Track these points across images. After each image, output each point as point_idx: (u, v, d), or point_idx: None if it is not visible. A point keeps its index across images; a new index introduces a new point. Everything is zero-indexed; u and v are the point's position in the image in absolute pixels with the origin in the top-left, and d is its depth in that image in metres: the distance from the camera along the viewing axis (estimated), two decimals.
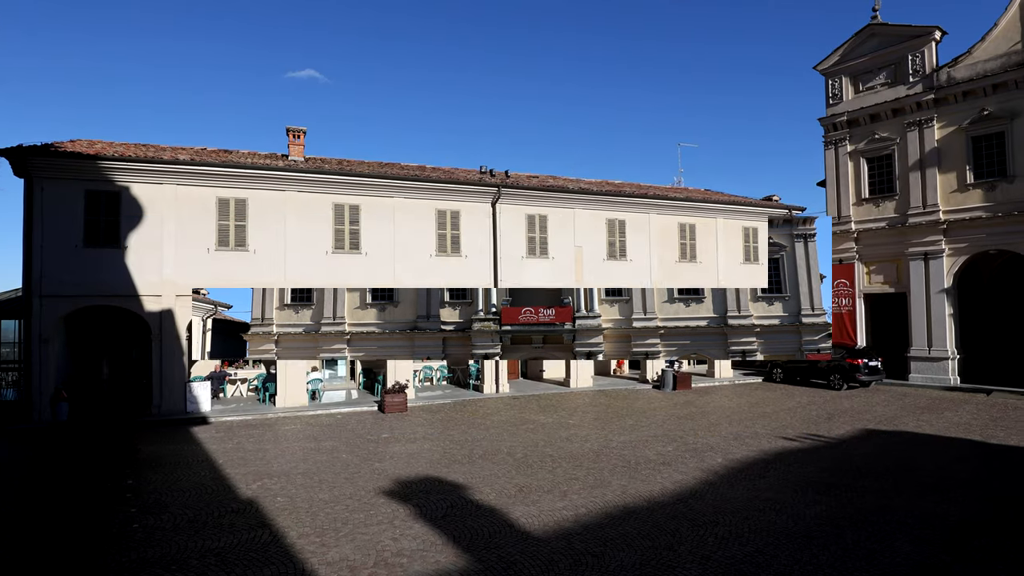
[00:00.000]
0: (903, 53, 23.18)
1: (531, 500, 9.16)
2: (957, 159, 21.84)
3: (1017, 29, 20.71)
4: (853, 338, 24.07)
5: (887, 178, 23.79)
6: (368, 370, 22.02)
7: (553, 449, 12.68)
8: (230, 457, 12.21)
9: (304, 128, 20.42)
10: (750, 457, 11.75)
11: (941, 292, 21.90)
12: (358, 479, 10.46)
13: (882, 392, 20.74)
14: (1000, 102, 20.84)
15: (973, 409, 17.03)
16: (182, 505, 9.06)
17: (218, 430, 15.23)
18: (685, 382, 21.93)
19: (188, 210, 17.36)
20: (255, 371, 20.73)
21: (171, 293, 17.04)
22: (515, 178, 22.89)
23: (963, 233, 21.53)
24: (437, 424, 15.78)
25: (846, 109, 24.71)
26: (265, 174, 18.02)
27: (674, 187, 30.48)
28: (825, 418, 15.98)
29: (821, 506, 8.72)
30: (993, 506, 8.67)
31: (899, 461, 11.37)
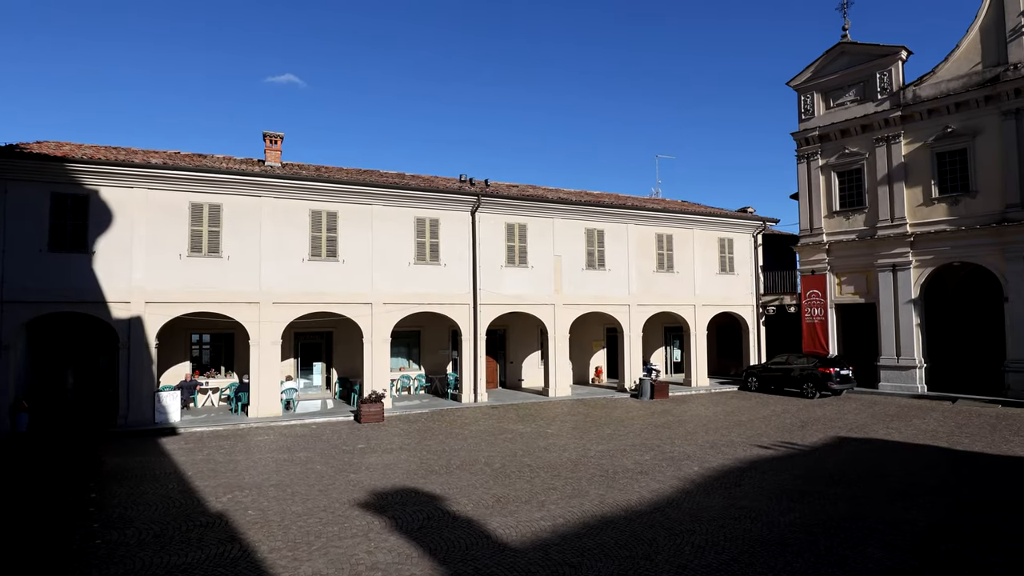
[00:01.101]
0: (871, 71, 23.85)
1: (509, 511, 9.09)
2: (923, 174, 22.49)
3: (978, 51, 21.47)
4: (825, 347, 24.51)
5: (857, 192, 24.38)
6: (344, 379, 21.73)
7: (531, 459, 12.63)
8: (199, 469, 11.91)
9: (281, 133, 20.22)
10: (726, 465, 11.84)
11: (909, 303, 22.44)
12: (332, 491, 10.27)
13: (853, 400, 21.12)
14: (962, 120, 21.54)
15: (940, 416, 17.43)
16: (148, 519, 8.79)
17: (187, 441, 14.87)
18: (662, 391, 22.07)
19: (160, 215, 17.01)
20: (227, 380, 20.30)
21: (140, 300, 16.65)
22: (495, 187, 22.92)
23: (929, 246, 22.14)
24: (414, 434, 15.62)
25: (817, 124, 25.29)
26: (240, 179, 17.76)
27: (652, 198, 30.85)
28: (799, 426, 16.21)
29: (795, 513, 8.81)
30: (959, 512, 8.85)
31: (870, 468, 11.57)
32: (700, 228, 25.70)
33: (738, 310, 26.44)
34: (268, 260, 18.11)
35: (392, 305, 19.69)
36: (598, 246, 23.38)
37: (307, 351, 22.03)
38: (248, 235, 17.96)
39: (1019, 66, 20.24)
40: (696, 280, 25.39)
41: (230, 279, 17.67)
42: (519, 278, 21.82)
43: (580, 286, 22.91)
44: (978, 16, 21.50)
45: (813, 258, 25.32)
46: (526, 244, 22.00)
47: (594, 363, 26.84)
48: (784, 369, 23.02)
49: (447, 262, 20.59)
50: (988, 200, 20.93)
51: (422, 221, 20.34)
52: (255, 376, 17.91)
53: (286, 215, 18.49)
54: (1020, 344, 19.91)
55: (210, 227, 17.55)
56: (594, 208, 23.19)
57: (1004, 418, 16.97)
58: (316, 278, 18.71)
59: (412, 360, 23.52)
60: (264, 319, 17.97)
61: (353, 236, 19.31)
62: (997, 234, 20.48)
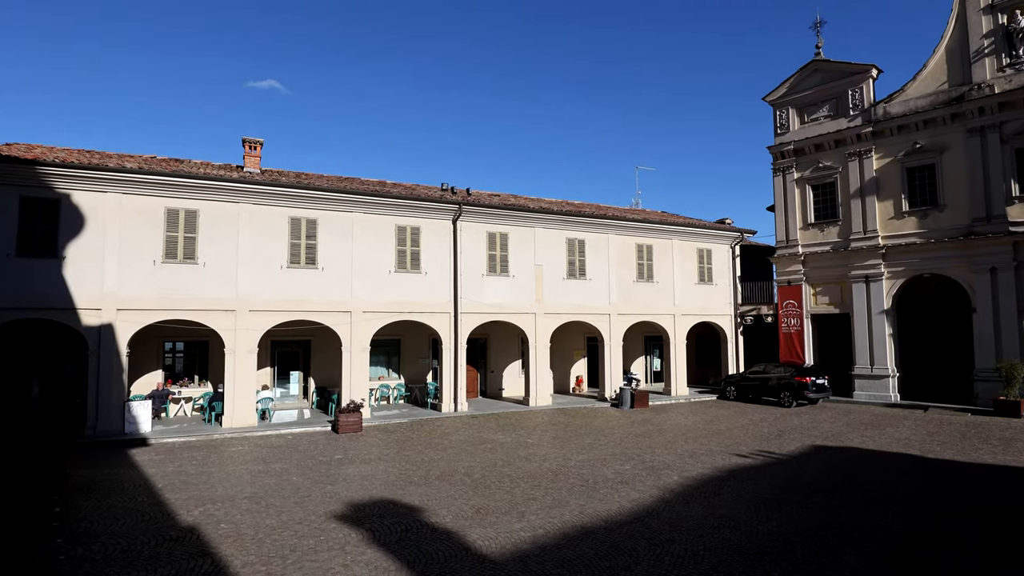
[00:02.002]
0: (844, 88, 24.44)
1: (488, 522, 9.01)
2: (893, 188, 23.05)
3: (944, 71, 22.15)
4: (801, 357, 24.87)
5: (831, 205, 24.88)
6: (322, 388, 21.43)
7: (511, 469, 12.56)
8: (170, 481, 11.62)
9: (261, 139, 20.00)
10: (705, 475, 11.90)
11: (881, 313, 22.90)
12: (308, 503, 10.09)
13: (829, 409, 21.42)
14: (930, 136, 22.16)
15: (912, 425, 17.76)
16: (115, 534, 8.53)
17: (158, 452, 14.50)
18: (643, 400, 22.16)
19: (134, 220, 16.68)
20: (201, 389, 19.89)
21: (112, 307, 16.25)
22: (476, 196, 22.92)
23: (900, 257, 22.66)
24: (393, 444, 15.44)
25: (793, 139, 25.80)
26: (218, 185, 17.50)
27: (632, 209, 31.12)
28: (776, 435, 16.38)
29: (773, 522, 8.87)
30: (932, 519, 9.00)
31: (846, 476, 11.72)
32: (679, 239, 25.98)
33: (717, 320, 26.72)
34: (245, 267, 17.84)
35: (372, 313, 19.51)
36: (579, 256, 23.49)
37: (284, 360, 21.70)
38: (225, 241, 17.69)
39: (983, 86, 20.91)
40: (676, 290, 25.62)
41: (206, 286, 17.37)
42: (500, 287, 21.80)
43: (561, 295, 22.96)
44: (944, 37, 22.19)
45: (789, 269, 25.74)
46: (507, 253, 22.02)
47: (575, 372, 26.88)
48: (762, 378, 23.29)
49: (428, 270, 20.49)
50: (956, 214, 21.51)
51: (403, 229, 20.24)
52: (230, 385, 17.57)
53: (265, 222, 18.26)
54: (988, 354, 20.41)
55: (186, 233, 17.25)
56: (575, 218, 23.31)
57: (973, 426, 17.36)
58: (295, 286, 18.48)
59: (392, 369, 23.32)
60: (240, 327, 17.67)
61: (333, 244, 19.14)
62: (964, 247, 21.04)
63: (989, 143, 20.79)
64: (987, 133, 20.85)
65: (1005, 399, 18.94)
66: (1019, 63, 20.41)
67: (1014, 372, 18.94)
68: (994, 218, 20.54)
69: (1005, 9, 20.79)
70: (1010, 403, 18.79)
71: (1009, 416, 18.65)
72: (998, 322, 20.30)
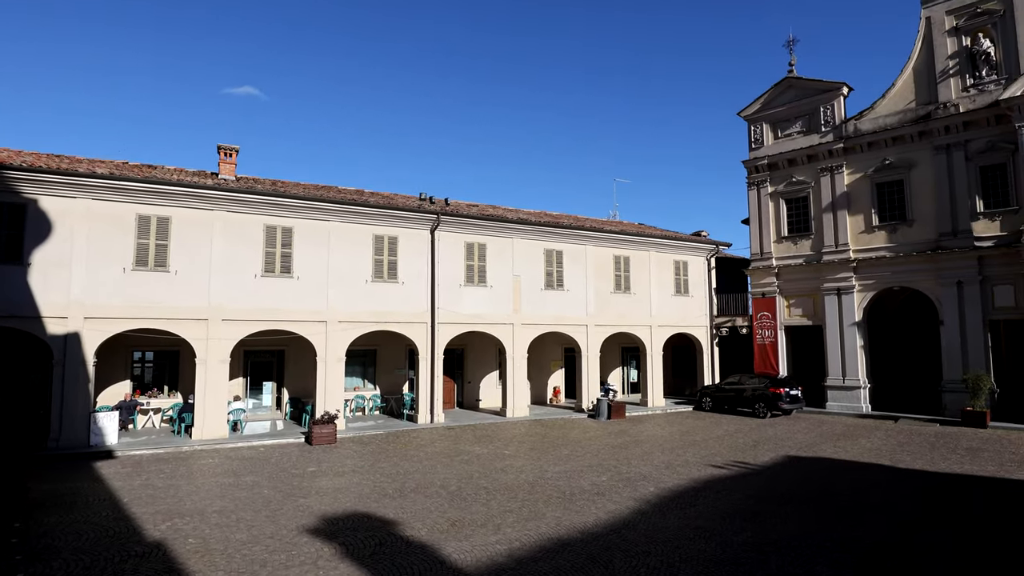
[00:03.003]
0: (816, 105, 25.04)
1: (464, 535, 8.91)
2: (864, 203, 23.60)
3: (911, 90, 22.83)
4: (776, 368, 25.19)
5: (804, 218, 25.37)
6: (296, 399, 21.08)
7: (488, 481, 12.46)
8: (137, 495, 11.29)
9: (236, 147, 19.74)
10: (681, 486, 11.94)
11: (853, 325, 23.35)
12: (280, 517, 9.88)
13: (803, 420, 21.70)
14: (899, 153, 22.78)
15: (883, 435, 18.06)
16: (77, 550, 8.24)
17: (125, 465, 14.10)
18: (619, 411, 22.21)
19: (104, 226, 16.29)
20: (171, 400, 19.42)
21: (79, 315, 15.82)
22: (455, 206, 22.89)
23: (871, 271, 23.16)
24: (368, 456, 15.22)
25: (767, 153, 26.30)
26: (192, 192, 17.21)
27: (610, 220, 31.38)
28: (751, 446, 16.52)
29: (747, 533, 8.92)
30: (901, 529, 9.13)
31: (819, 487, 11.85)
32: (656, 250, 26.23)
33: (693, 331, 26.97)
34: (218, 275, 17.52)
35: (348, 323, 19.30)
36: (557, 266, 23.56)
37: (257, 370, 21.32)
38: (198, 249, 17.37)
39: (948, 105, 21.58)
40: (652, 301, 25.82)
41: (177, 294, 17.01)
42: (478, 297, 21.74)
43: (539, 306, 22.98)
44: (911, 58, 22.89)
45: (763, 281, 26.12)
46: (485, 263, 21.99)
47: (552, 383, 26.87)
48: (737, 389, 23.53)
49: (405, 280, 20.36)
50: (923, 228, 22.09)
51: (380, 238, 20.11)
52: (201, 396, 17.19)
53: (239, 230, 17.99)
54: (955, 366, 20.91)
55: (158, 240, 16.91)
56: (553, 229, 23.41)
57: (942, 436, 17.72)
58: (269, 295, 18.20)
59: (367, 380, 23.05)
60: (212, 336, 17.33)
61: (309, 252, 18.92)
62: (932, 260, 21.59)
63: (955, 160, 21.43)
64: (953, 151, 21.49)
65: (972, 410, 19.38)
66: (982, 84, 21.11)
67: (980, 383, 19.41)
68: (960, 233, 21.12)
69: (969, 32, 21.53)
70: (977, 414, 19.23)
71: (976, 426, 19.08)
72: (965, 334, 20.82)
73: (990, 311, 20.53)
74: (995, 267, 20.35)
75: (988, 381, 19.65)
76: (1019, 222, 19.79)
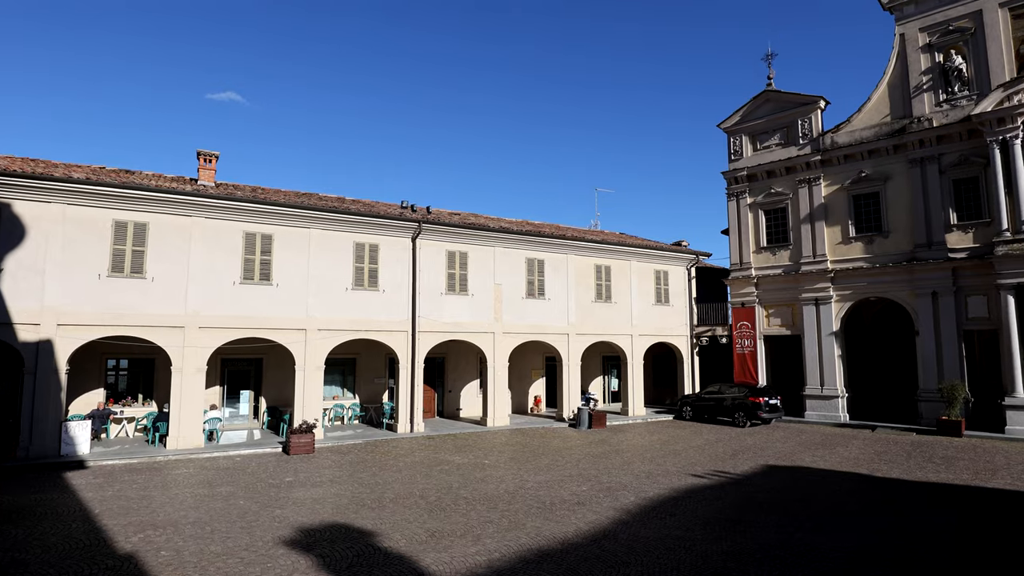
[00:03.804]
0: (794, 118, 25.48)
1: (443, 546, 8.82)
2: (841, 214, 24.01)
3: (887, 104, 23.35)
4: (755, 377, 25.41)
5: (782, 229, 25.73)
6: (273, 408, 20.78)
7: (468, 491, 12.36)
8: (108, 506, 11.01)
9: (216, 152, 19.53)
10: (662, 495, 11.95)
11: (831, 335, 23.66)
12: (256, 528, 9.69)
13: (781, 429, 21.89)
14: (875, 166, 23.23)
15: (861, 444, 18.28)
16: (45, 563, 8.01)
17: (97, 475, 13.76)
18: (600, 420, 22.22)
19: (79, 232, 15.99)
20: (145, 409, 19.03)
21: (52, 322, 15.47)
22: (436, 214, 22.85)
23: (848, 281, 23.52)
24: (346, 466, 15.04)
25: (746, 165, 26.67)
26: (170, 198, 16.97)
27: (591, 230, 31.52)
28: (730, 455, 16.61)
29: (727, 542, 8.94)
30: (879, 537, 9.22)
31: (798, 496, 11.94)
32: (637, 260, 26.40)
33: (673, 340, 27.14)
34: (196, 282, 17.27)
35: (328, 331, 19.11)
36: (538, 275, 23.59)
37: (235, 378, 21.00)
38: (176, 256, 17.12)
39: (922, 119, 22.08)
40: (633, 311, 25.95)
41: (154, 301, 16.72)
42: (459, 306, 21.68)
43: (520, 315, 22.97)
44: (886, 72, 23.41)
45: (743, 291, 26.40)
46: (467, 272, 21.95)
47: (533, 392, 26.82)
48: (717, 398, 23.68)
49: (386, 288, 20.24)
50: (899, 240, 22.51)
51: (361, 246, 19.98)
52: (176, 405, 16.88)
53: (218, 236, 17.76)
54: (930, 375, 21.27)
55: (134, 246, 16.63)
56: (535, 238, 23.46)
57: (918, 445, 17.98)
58: (247, 302, 17.97)
59: (347, 388, 22.82)
60: (189, 344, 17.05)
61: (289, 260, 18.73)
62: (907, 271, 21.99)
63: (929, 173, 21.90)
64: (927, 164, 21.96)
65: (947, 419, 19.70)
66: (955, 99, 21.65)
67: (955, 393, 19.75)
68: (934, 245, 21.56)
69: (942, 48, 22.08)
70: (952, 423, 19.55)
71: (951, 435, 19.40)
72: (940, 344, 21.20)
73: (964, 321, 20.94)
74: (969, 278, 20.79)
75: (963, 390, 20.00)
76: (991, 234, 20.26)
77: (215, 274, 17.58)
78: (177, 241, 17.18)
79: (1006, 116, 19.71)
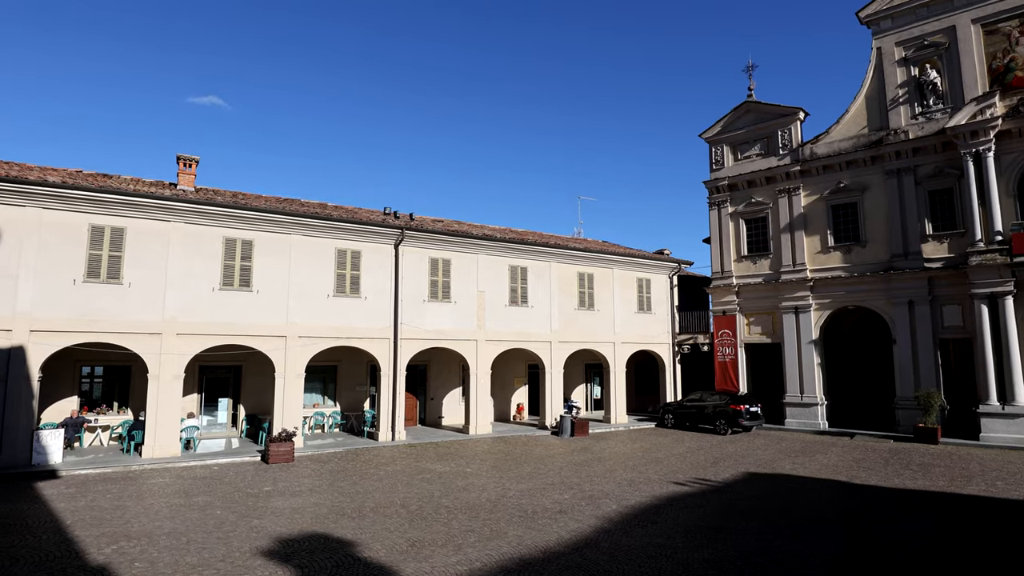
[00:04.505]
0: (774, 129, 25.86)
1: (423, 556, 8.73)
2: (820, 224, 24.37)
3: (864, 116, 23.80)
4: (736, 385, 25.61)
5: (763, 238, 26.04)
6: (252, 416, 20.47)
7: (449, 500, 12.27)
8: (81, 517, 10.75)
9: (197, 157, 19.29)
10: (643, 503, 11.96)
11: (810, 343, 23.95)
12: (233, 538, 9.52)
13: (762, 436, 22.06)
14: (853, 177, 23.64)
15: (840, 452, 18.48)
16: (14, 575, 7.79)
17: (69, 485, 13.44)
18: (583, 428, 22.22)
19: (54, 236, 15.67)
20: (120, 417, 18.65)
21: (24, 328, 15.12)
22: (420, 221, 22.78)
23: (827, 290, 23.85)
24: (326, 475, 14.85)
25: (727, 175, 26.98)
26: (148, 203, 16.71)
27: (574, 237, 31.63)
28: (712, 463, 16.69)
29: (708, 550, 8.96)
30: (857, 544, 9.30)
31: (778, 503, 12.02)
32: (620, 268, 26.52)
33: (655, 348, 27.27)
34: (175, 288, 17.00)
35: (309, 339, 18.91)
36: (521, 283, 23.60)
37: (213, 386, 20.67)
38: (154, 261, 16.85)
39: (898, 131, 22.53)
40: (616, 318, 26.05)
41: (130, 307, 16.43)
42: (442, 313, 21.59)
43: (503, 322, 22.93)
44: (864, 85, 23.88)
45: (724, 299, 26.63)
46: (450, 279, 21.89)
47: (515, 400, 26.76)
48: (698, 406, 23.80)
49: (368, 295, 20.10)
50: (876, 250, 22.89)
51: (343, 253, 19.84)
52: (152, 412, 16.56)
53: (197, 242, 17.52)
54: (907, 383, 21.59)
55: (111, 251, 16.34)
56: (518, 245, 23.48)
57: (895, 452, 18.22)
58: (227, 309, 17.73)
59: (327, 396, 22.58)
60: (166, 351, 16.76)
61: (269, 266, 18.53)
62: (884, 281, 22.36)
63: (905, 184, 22.33)
64: (903, 175, 22.40)
65: (924, 426, 20.00)
66: (930, 112, 22.13)
67: (931, 400, 20.06)
68: (911, 254, 21.95)
69: (917, 62, 22.59)
70: (928, 430, 19.85)
71: (928, 443, 19.69)
72: (916, 352, 21.55)
73: (940, 330, 21.32)
74: (944, 288, 21.19)
75: (939, 398, 20.33)
76: (965, 244, 20.68)
77: (194, 280, 17.33)
78: (155, 246, 16.92)
79: (979, 129, 20.18)
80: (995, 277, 19.60)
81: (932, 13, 22.27)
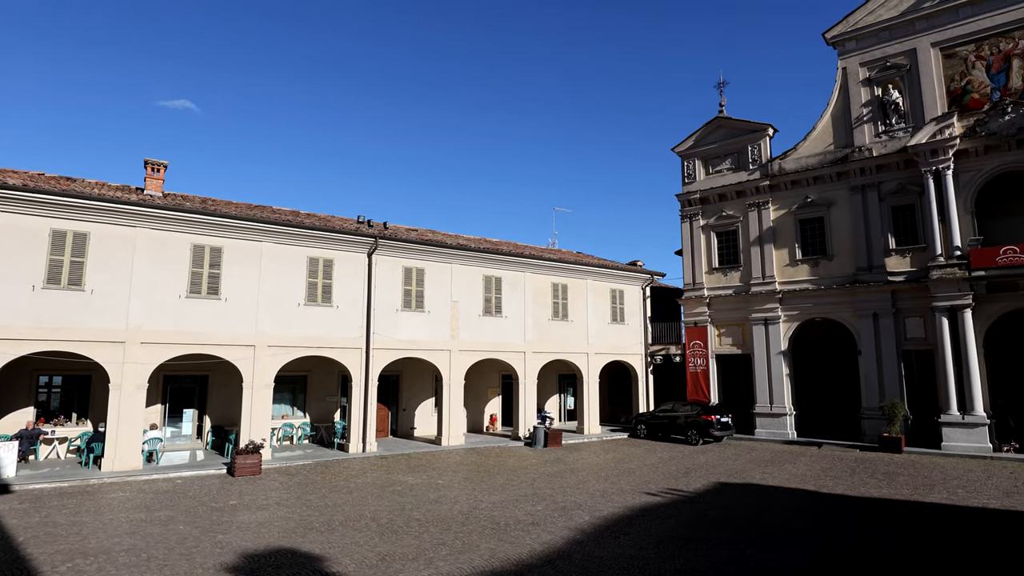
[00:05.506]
0: (744, 144, 26.41)
1: (393, 570, 8.57)
2: (788, 238, 24.89)
3: (830, 134, 24.48)
4: (707, 396, 25.88)
5: (733, 251, 26.48)
6: (218, 427, 19.96)
7: (420, 512, 12.10)
8: (34, 533, 10.31)
9: (165, 162, 18.87)
10: (616, 514, 11.95)
11: (779, 354, 24.36)
12: (196, 555, 9.22)
13: (733, 446, 22.30)
14: (819, 192, 24.24)
15: (808, 461, 18.77)
16: None
17: (22, 500, 12.90)
18: (556, 439, 22.19)
19: (13, 241, 15.13)
20: (79, 428, 18.00)
21: None
22: (393, 230, 22.62)
23: (795, 302, 24.33)
24: (294, 488, 14.53)
25: (699, 188, 27.43)
26: (113, 207, 16.27)
27: (549, 248, 31.77)
28: (683, 473, 16.80)
29: (680, 560, 8.98)
30: (826, 551, 9.42)
31: (748, 512, 12.12)
32: (593, 279, 26.68)
33: (628, 359, 27.44)
34: (139, 296, 16.54)
35: (278, 348, 18.56)
36: (495, 293, 23.56)
37: (177, 396, 20.11)
38: (118, 268, 16.38)
39: (863, 149, 23.20)
40: (589, 329, 26.16)
41: (92, 315, 15.92)
42: (415, 323, 21.41)
43: (477, 332, 22.84)
44: (830, 104, 24.56)
45: (696, 311, 26.97)
46: (423, 288, 21.74)
47: (489, 411, 26.63)
48: (670, 416, 23.97)
49: (340, 304, 19.84)
50: (842, 263, 23.46)
51: (315, 261, 19.57)
52: (113, 424, 16.02)
53: (164, 248, 17.10)
54: (872, 393, 22.09)
55: (73, 257, 15.84)
56: (493, 255, 23.45)
57: (861, 462, 18.57)
58: (194, 317, 17.31)
59: (296, 407, 22.16)
60: (129, 360, 16.27)
61: (239, 274, 18.17)
62: (850, 293, 22.90)
63: (869, 200, 22.97)
64: (867, 191, 23.04)
65: (888, 436, 20.44)
66: (892, 131, 22.84)
67: (895, 411, 20.54)
68: (875, 268, 22.54)
69: (880, 83, 23.33)
70: (892, 439, 20.30)
71: (892, 452, 20.12)
72: (881, 364, 22.08)
73: (903, 342, 21.89)
74: (907, 300, 21.78)
75: (903, 408, 20.82)
76: (927, 259, 21.31)
77: (160, 287, 16.89)
78: (120, 252, 16.46)
79: (938, 148, 20.89)
80: (955, 291, 20.23)
81: (894, 36, 23.06)
